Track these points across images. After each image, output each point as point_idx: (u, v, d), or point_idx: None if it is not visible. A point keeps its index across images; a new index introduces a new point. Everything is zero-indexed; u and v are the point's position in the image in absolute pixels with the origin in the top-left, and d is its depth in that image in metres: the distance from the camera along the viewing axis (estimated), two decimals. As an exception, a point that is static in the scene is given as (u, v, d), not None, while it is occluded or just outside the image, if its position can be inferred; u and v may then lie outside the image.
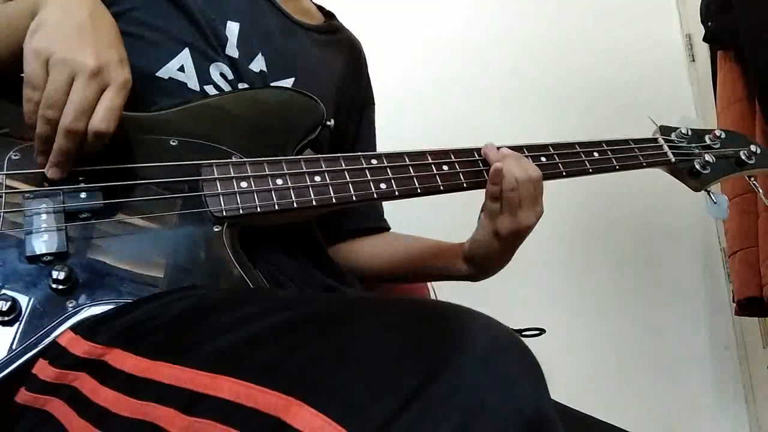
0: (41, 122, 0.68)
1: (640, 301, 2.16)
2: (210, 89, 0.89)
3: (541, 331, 1.36)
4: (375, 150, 1.16)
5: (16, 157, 0.71)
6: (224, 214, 0.74)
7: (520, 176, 0.88)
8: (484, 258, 0.95)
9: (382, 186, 0.83)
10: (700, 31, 2.07)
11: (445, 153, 0.89)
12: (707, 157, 1.06)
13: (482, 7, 2.23)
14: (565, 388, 0.89)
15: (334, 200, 0.79)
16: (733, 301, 1.92)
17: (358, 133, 1.14)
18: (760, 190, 1.13)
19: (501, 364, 0.43)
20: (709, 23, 1.96)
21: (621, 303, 2.14)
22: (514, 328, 1.41)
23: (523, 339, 0.47)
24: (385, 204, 1.17)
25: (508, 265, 0.98)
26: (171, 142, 0.79)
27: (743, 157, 1.10)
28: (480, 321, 0.46)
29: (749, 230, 1.80)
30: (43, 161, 0.70)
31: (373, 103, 1.19)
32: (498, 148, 0.92)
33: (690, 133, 1.10)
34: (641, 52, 2.27)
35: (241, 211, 0.75)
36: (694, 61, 2.35)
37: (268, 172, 0.78)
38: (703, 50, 2.23)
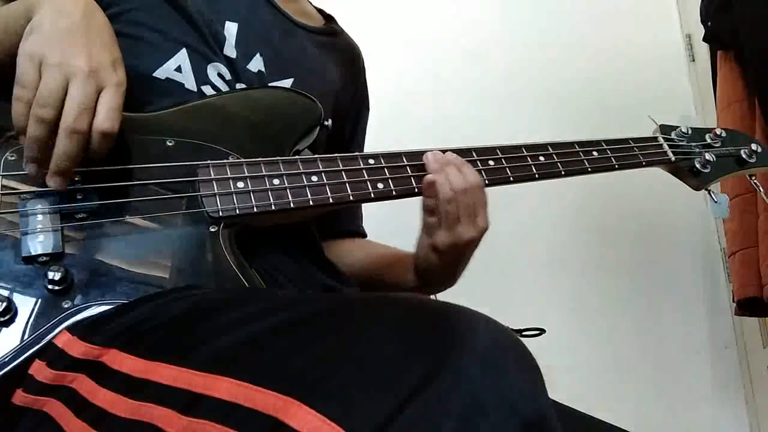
0: (34, 122, 0.66)
1: (640, 301, 2.15)
2: (207, 89, 0.89)
3: (541, 331, 1.36)
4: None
5: (12, 158, 0.70)
6: (221, 214, 0.74)
7: (458, 187, 0.83)
8: (426, 271, 0.92)
9: (380, 186, 0.83)
10: (700, 31, 2.07)
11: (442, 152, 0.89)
12: (708, 156, 1.06)
13: (481, 6, 2.24)
14: (565, 388, 0.89)
15: (331, 200, 0.79)
16: (733, 301, 1.92)
17: (353, 137, 1.14)
18: (761, 189, 1.12)
19: (500, 363, 0.43)
20: (709, 23, 1.96)
21: (621, 303, 2.14)
22: (514, 328, 1.41)
23: (523, 339, 0.47)
24: (385, 205, 1.16)
25: (508, 265, 0.98)
26: (168, 143, 0.78)
27: (744, 156, 1.09)
28: (479, 321, 0.46)
29: (749, 230, 1.80)
30: (33, 170, 0.68)
31: (368, 108, 1.19)
32: (444, 151, 0.87)
33: (690, 131, 1.09)
34: (641, 52, 2.27)
35: (237, 212, 0.75)
36: (694, 61, 2.35)
37: (264, 173, 0.78)
38: (703, 50, 2.23)
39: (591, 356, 2.07)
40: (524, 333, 1.41)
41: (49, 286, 0.64)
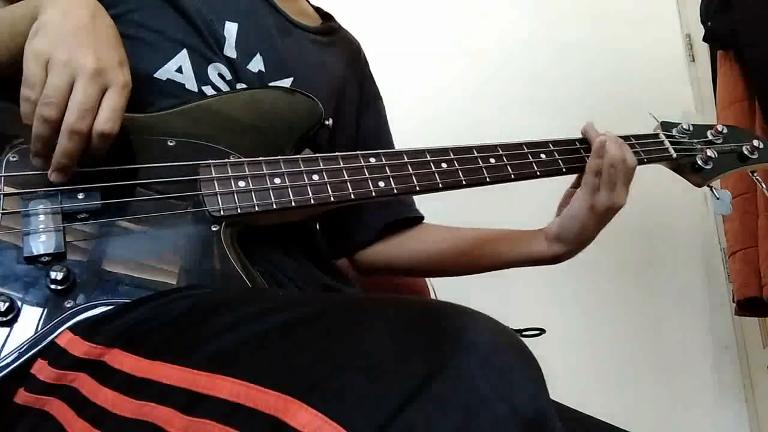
0: (38, 121, 0.67)
1: (640, 300, 2.15)
2: (208, 90, 0.89)
3: (541, 331, 1.36)
4: (392, 143, 1.16)
5: (14, 159, 0.71)
6: (222, 213, 0.74)
7: (619, 156, 0.93)
8: (577, 234, 0.97)
9: (381, 184, 0.83)
10: (700, 31, 2.07)
11: (444, 151, 0.89)
12: (709, 153, 1.05)
13: (482, 7, 2.24)
14: (565, 388, 0.89)
15: (332, 198, 0.79)
16: (733, 301, 1.92)
17: (369, 130, 1.13)
18: (764, 185, 1.12)
19: (501, 363, 0.43)
20: (709, 23, 1.96)
21: (621, 303, 2.14)
22: (514, 328, 1.41)
23: (523, 339, 0.47)
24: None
25: (508, 265, 0.98)
26: (169, 143, 0.78)
27: (746, 152, 1.09)
28: (480, 321, 0.46)
29: (749, 230, 1.80)
30: (39, 164, 0.69)
31: (381, 98, 1.18)
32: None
33: (692, 128, 1.09)
34: (641, 52, 2.27)
35: (239, 211, 0.75)
36: (694, 61, 2.35)
37: (265, 172, 0.78)
38: (703, 50, 2.23)
39: (591, 356, 2.07)
40: (524, 333, 1.41)
41: (52, 286, 0.64)
